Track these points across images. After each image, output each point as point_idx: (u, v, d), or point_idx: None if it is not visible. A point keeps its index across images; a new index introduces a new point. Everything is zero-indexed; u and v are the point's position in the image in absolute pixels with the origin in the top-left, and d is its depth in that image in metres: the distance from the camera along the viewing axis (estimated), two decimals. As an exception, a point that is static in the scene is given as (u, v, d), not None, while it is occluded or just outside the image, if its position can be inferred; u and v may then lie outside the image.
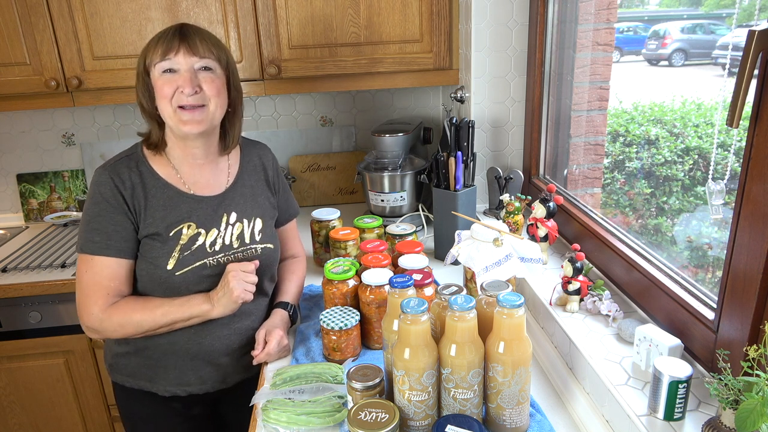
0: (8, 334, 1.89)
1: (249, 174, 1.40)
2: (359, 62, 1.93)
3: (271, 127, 2.39)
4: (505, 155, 1.96)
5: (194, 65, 1.20)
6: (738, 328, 0.89)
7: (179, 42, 1.19)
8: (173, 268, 1.23)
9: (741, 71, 0.80)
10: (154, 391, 1.32)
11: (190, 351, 1.29)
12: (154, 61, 1.20)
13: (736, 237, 0.89)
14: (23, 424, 2.02)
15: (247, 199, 1.36)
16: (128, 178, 1.23)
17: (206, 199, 1.30)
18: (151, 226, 1.23)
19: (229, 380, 1.35)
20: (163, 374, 1.31)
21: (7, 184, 2.36)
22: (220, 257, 1.28)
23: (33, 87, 1.87)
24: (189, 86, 1.19)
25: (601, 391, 1.00)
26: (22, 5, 1.78)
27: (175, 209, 1.26)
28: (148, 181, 1.25)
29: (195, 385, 1.32)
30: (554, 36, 1.74)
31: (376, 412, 0.92)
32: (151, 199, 1.24)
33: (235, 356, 1.34)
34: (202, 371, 1.32)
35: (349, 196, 2.41)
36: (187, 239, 1.25)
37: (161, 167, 1.28)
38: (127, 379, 1.33)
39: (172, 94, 1.19)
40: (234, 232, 1.32)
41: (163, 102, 1.21)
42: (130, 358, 1.32)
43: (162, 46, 1.19)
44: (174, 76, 1.20)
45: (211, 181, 1.32)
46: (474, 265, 1.21)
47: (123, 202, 1.22)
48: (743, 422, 0.74)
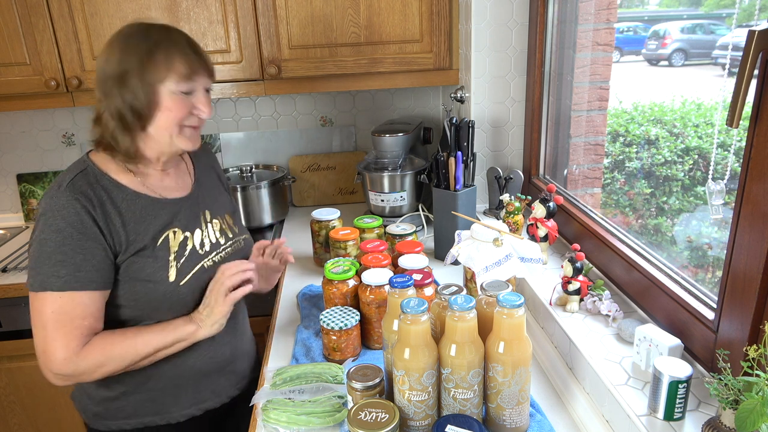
0: (8, 334, 1.89)
1: (204, 173, 1.34)
2: (359, 62, 1.93)
3: (271, 127, 2.39)
4: (505, 155, 1.96)
5: (206, 86, 1.15)
6: (738, 328, 0.89)
7: (198, 62, 1.11)
8: (176, 280, 1.13)
9: (741, 71, 0.80)
10: (163, 423, 1.22)
11: (204, 368, 1.22)
12: (169, 78, 1.07)
13: (736, 237, 0.89)
14: (23, 424, 2.02)
15: (212, 197, 1.32)
16: (93, 195, 1.08)
17: (182, 200, 1.22)
18: (135, 243, 1.11)
19: (240, 385, 1.33)
20: (172, 401, 1.21)
21: (7, 184, 2.36)
22: (213, 256, 1.22)
23: (33, 87, 1.87)
24: (208, 110, 1.12)
25: (601, 391, 1.00)
26: (22, 5, 1.78)
27: (156, 218, 1.15)
28: (115, 194, 1.11)
29: (211, 400, 1.26)
30: (554, 36, 1.74)
31: (376, 412, 0.92)
32: (126, 214, 1.11)
33: (243, 360, 1.33)
34: (215, 384, 1.27)
35: (349, 196, 2.41)
36: (178, 246, 1.16)
37: (120, 175, 1.14)
38: (127, 422, 1.21)
39: (185, 116, 1.11)
40: (215, 229, 1.26)
41: (169, 121, 1.10)
42: (127, 398, 1.19)
43: (182, 64, 1.08)
44: (189, 97, 1.11)
45: (178, 183, 1.25)
46: (474, 265, 1.21)
47: (93, 225, 1.06)
48: (743, 422, 0.74)
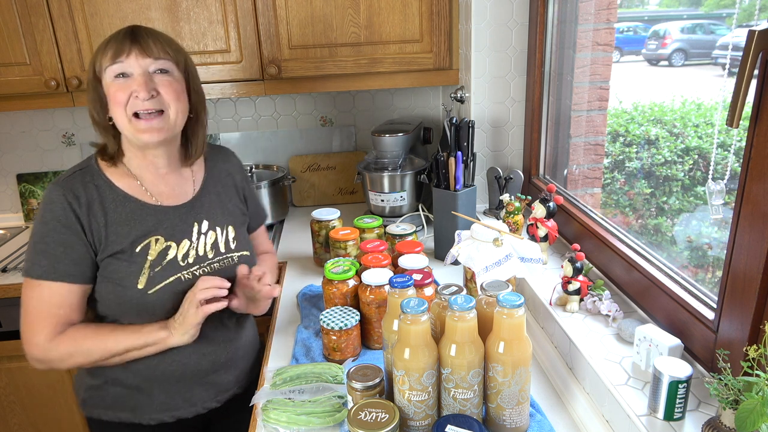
0: (8, 334, 1.89)
1: (215, 181, 1.31)
2: (359, 62, 1.93)
3: (271, 127, 2.39)
4: (505, 155, 1.96)
5: (149, 68, 1.12)
6: (738, 328, 0.89)
7: (131, 43, 1.11)
8: (144, 287, 1.14)
9: (741, 71, 0.80)
10: (137, 421, 1.22)
11: (175, 373, 1.20)
12: (104, 65, 1.11)
13: (736, 237, 0.89)
14: (23, 424, 2.02)
15: (216, 207, 1.28)
16: (83, 194, 1.13)
17: (173, 209, 1.21)
18: (114, 244, 1.13)
19: (220, 398, 1.28)
20: (146, 402, 1.21)
21: (7, 184, 2.36)
22: (195, 269, 1.19)
23: (33, 87, 1.87)
24: (144, 90, 1.10)
25: (601, 391, 1.00)
26: (22, 5, 1.78)
27: (139, 223, 1.16)
28: (106, 195, 1.15)
29: (184, 408, 1.24)
30: (554, 36, 1.74)
31: (376, 412, 0.92)
32: (111, 215, 1.14)
33: (223, 372, 1.27)
34: (189, 392, 1.24)
35: (349, 196, 2.41)
36: (156, 254, 1.16)
37: (120, 179, 1.19)
38: (105, 412, 1.23)
39: (126, 101, 1.11)
40: (207, 242, 1.23)
41: (117, 110, 1.12)
42: (106, 389, 1.22)
43: (112, 49, 1.11)
44: (127, 81, 1.11)
45: (176, 189, 1.24)
46: (474, 265, 1.21)
47: (76, 221, 1.11)
48: (743, 422, 0.74)
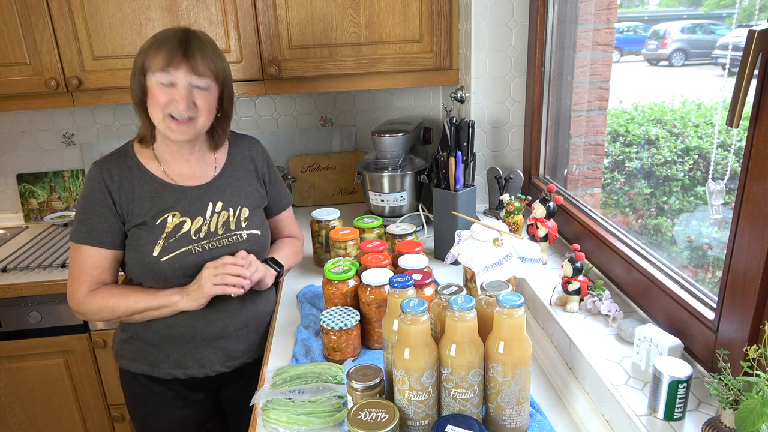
0: (8, 334, 1.89)
1: (236, 166, 1.44)
2: (359, 62, 1.93)
3: (271, 127, 2.39)
4: (505, 155, 1.96)
5: (192, 82, 1.24)
6: (738, 328, 0.89)
7: (182, 57, 1.21)
8: (159, 255, 1.29)
9: (741, 71, 0.80)
10: (155, 374, 1.37)
11: (186, 335, 1.34)
12: (153, 68, 1.22)
13: (736, 237, 0.89)
14: (23, 424, 2.02)
15: (233, 189, 1.41)
16: (117, 172, 1.30)
17: (191, 189, 1.35)
18: (138, 217, 1.30)
19: (229, 364, 1.39)
20: (163, 358, 1.36)
21: (7, 184, 2.36)
22: (204, 243, 1.33)
23: (33, 87, 1.87)
24: (184, 102, 1.23)
25: (601, 391, 1.00)
26: (22, 5, 1.78)
27: (160, 200, 1.32)
28: (135, 174, 1.32)
29: (194, 368, 1.37)
30: (554, 36, 1.74)
31: (376, 412, 0.92)
32: (138, 192, 1.31)
33: (234, 339, 1.38)
34: (199, 354, 1.37)
35: (349, 196, 2.41)
36: (173, 227, 1.31)
37: (149, 161, 1.35)
38: (131, 363, 1.39)
39: (165, 104, 1.23)
40: (219, 220, 1.36)
41: (155, 108, 1.25)
42: (132, 343, 1.38)
43: (164, 54, 1.21)
44: (171, 90, 1.23)
45: (197, 173, 1.37)
46: (474, 265, 1.21)
47: (108, 196, 1.29)
48: (743, 422, 0.74)
